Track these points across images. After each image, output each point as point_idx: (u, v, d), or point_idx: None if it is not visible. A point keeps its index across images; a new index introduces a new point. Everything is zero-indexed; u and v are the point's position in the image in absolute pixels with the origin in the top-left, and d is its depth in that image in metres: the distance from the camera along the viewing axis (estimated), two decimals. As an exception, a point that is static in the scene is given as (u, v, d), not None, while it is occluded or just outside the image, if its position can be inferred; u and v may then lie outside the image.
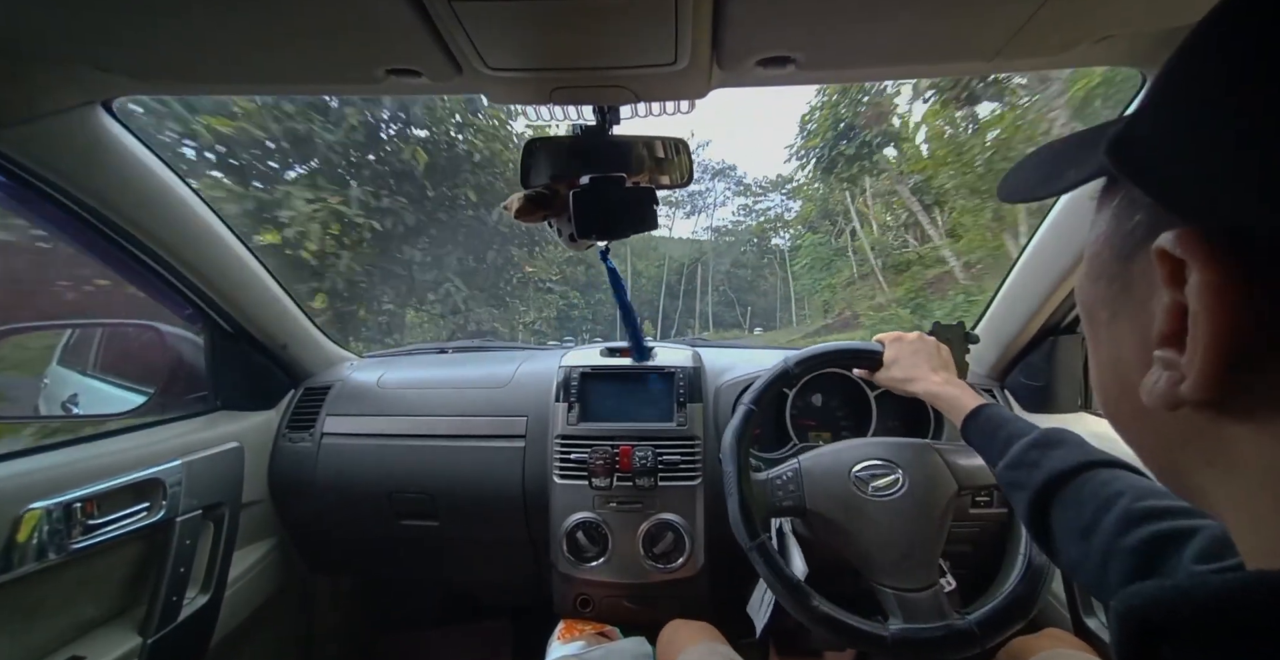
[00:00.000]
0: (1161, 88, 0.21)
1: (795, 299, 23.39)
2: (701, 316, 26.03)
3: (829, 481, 0.77)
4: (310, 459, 1.08)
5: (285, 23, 0.50)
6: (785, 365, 0.83)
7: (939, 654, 0.66)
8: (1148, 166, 0.21)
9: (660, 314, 25.08)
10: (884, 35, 0.55)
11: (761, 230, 27.92)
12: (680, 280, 26.88)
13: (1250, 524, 0.20)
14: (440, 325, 6.43)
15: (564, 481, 0.98)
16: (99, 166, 0.73)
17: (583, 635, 0.94)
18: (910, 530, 0.74)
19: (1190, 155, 0.19)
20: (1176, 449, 0.23)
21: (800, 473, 0.79)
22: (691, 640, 0.79)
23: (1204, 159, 0.19)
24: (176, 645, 0.83)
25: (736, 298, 26.62)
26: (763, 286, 27.00)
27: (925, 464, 0.77)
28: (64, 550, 0.70)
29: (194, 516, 0.87)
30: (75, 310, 2.68)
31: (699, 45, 0.54)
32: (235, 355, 1.07)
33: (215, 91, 0.70)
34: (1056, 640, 0.76)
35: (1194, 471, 0.22)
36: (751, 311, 26.25)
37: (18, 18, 0.50)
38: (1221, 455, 0.20)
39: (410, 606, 1.51)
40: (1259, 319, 0.18)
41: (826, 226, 16.37)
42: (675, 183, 0.80)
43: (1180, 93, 0.20)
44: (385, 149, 5.14)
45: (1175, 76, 0.20)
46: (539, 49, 0.55)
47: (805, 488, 0.78)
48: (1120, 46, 0.58)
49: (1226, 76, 0.18)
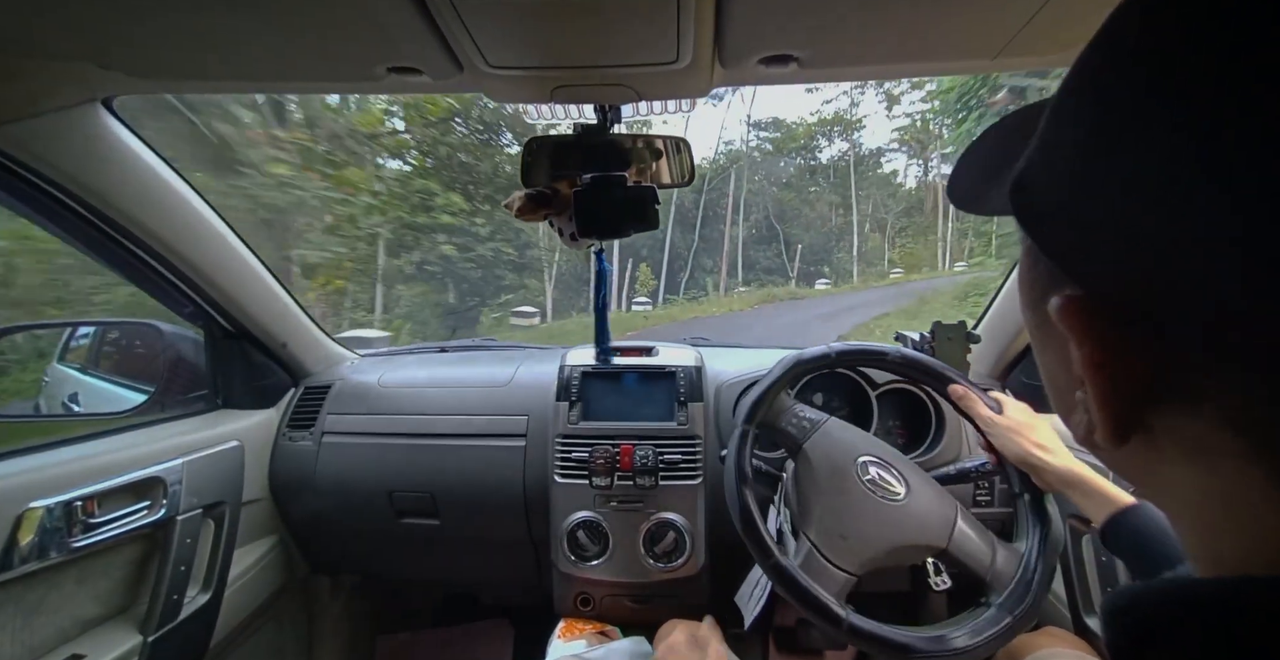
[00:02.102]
0: (1049, 124, 0.20)
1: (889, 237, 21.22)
2: (730, 257, 21.38)
3: (835, 452, 0.76)
4: (311, 458, 1.08)
5: (286, 21, 0.50)
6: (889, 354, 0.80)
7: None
8: (1039, 220, 0.21)
9: (667, 251, 19.48)
10: (886, 34, 0.55)
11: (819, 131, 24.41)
12: (699, 202, 20.83)
13: (1193, 537, 0.21)
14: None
15: (565, 481, 0.98)
16: (99, 164, 0.73)
17: (583, 634, 0.94)
18: (870, 528, 0.72)
19: (1065, 218, 0.19)
20: (1120, 468, 0.23)
21: (818, 427, 0.77)
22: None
23: (1075, 223, 0.19)
24: (177, 643, 0.83)
25: (782, 231, 22.17)
26: (810, 218, 23.14)
27: (933, 509, 0.74)
28: (65, 549, 0.70)
29: (194, 515, 0.87)
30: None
31: (701, 44, 0.54)
32: (236, 354, 1.07)
33: (215, 89, 0.70)
34: (1056, 638, 0.76)
35: (1139, 483, 0.23)
36: (801, 253, 22.50)
37: (19, 15, 0.49)
38: (1153, 477, 0.21)
39: (410, 605, 1.51)
40: (1145, 381, 0.18)
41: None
42: (676, 181, 0.81)
43: (1059, 136, 0.20)
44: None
45: (1054, 120, 0.20)
46: (540, 47, 0.55)
47: (812, 438, 0.76)
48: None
49: (1086, 138, 0.18)
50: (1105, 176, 0.17)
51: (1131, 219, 0.17)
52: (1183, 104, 0.15)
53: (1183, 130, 0.15)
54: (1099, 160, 0.18)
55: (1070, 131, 0.19)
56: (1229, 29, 0.14)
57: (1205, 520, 0.19)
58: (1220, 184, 0.14)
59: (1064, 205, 0.19)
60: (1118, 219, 0.17)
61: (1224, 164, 0.14)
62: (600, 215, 0.73)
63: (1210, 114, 0.15)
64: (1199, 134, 0.15)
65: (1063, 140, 0.19)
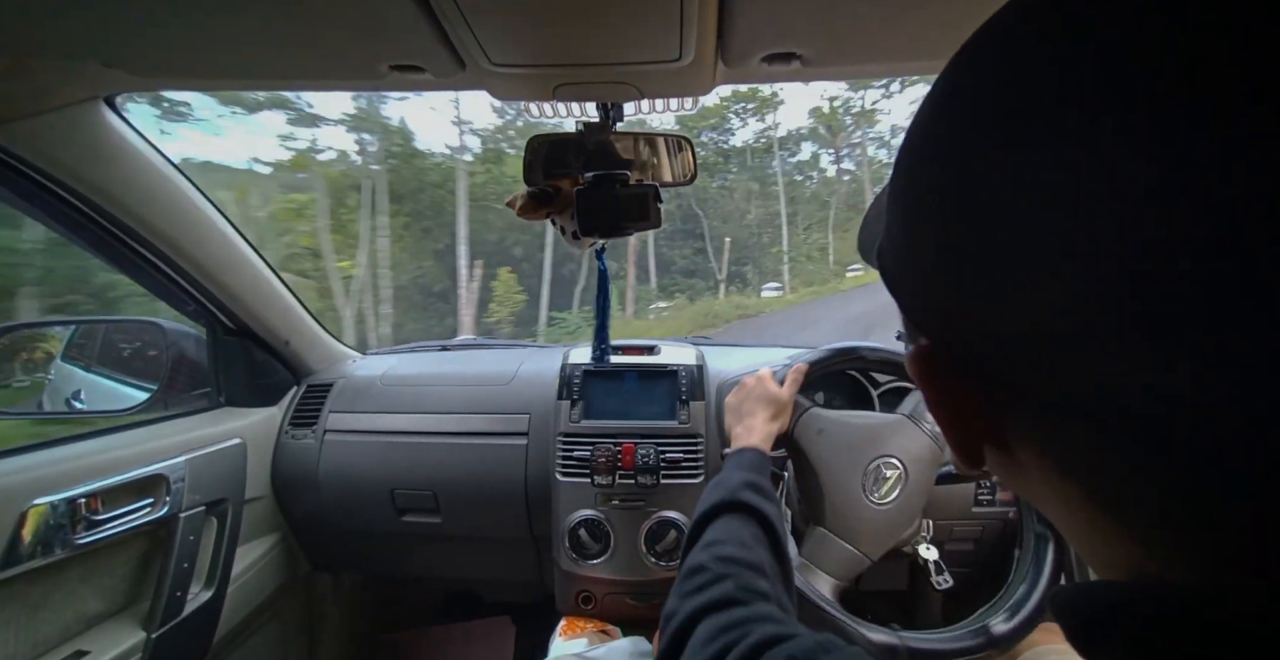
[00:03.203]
0: (889, 192, 0.24)
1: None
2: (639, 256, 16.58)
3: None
4: (313, 455, 1.08)
5: (289, 19, 0.50)
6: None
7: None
8: (893, 277, 0.24)
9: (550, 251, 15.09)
10: (890, 32, 0.55)
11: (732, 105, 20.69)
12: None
13: (1074, 543, 0.22)
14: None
15: (566, 479, 0.98)
16: (102, 162, 0.73)
17: (584, 633, 0.94)
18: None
19: (903, 277, 0.23)
20: (1008, 484, 0.25)
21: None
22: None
23: (912, 283, 0.22)
24: (180, 640, 0.83)
25: (707, 222, 17.48)
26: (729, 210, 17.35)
27: (914, 444, 0.77)
28: (68, 546, 0.70)
29: (197, 513, 0.87)
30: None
31: (704, 41, 0.54)
32: (238, 352, 1.07)
33: (218, 87, 0.70)
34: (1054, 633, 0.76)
35: (1029, 495, 0.24)
36: (730, 249, 17.85)
37: (23, 14, 0.49)
38: (1028, 491, 0.23)
39: (413, 603, 1.52)
40: (975, 421, 0.21)
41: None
42: (678, 180, 0.80)
43: (889, 227, 0.24)
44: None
45: (889, 203, 0.23)
46: (543, 45, 0.55)
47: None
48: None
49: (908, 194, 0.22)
50: (908, 255, 0.22)
51: (930, 291, 0.21)
52: (922, 221, 0.20)
53: (927, 236, 0.20)
54: (903, 242, 0.22)
55: (891, 217, 0.23)
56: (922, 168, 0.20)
57: (1068, 526, 0.21)
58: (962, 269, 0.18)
59: (897, 273, 0.23)
60: (924, 290, 0.21)
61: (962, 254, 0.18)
62: (602, 213, 0.73)
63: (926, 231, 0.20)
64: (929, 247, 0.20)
65: (890, 222, 0.23)
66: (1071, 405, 0.17)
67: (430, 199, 15.06)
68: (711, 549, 0.52)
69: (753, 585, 0.46)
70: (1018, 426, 0.20)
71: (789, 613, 0.46)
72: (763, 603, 0.44)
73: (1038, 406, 0.18)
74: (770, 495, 0.60)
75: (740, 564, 0.49)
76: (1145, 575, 0.18)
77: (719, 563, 0.49)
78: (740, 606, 0.43)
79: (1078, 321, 0.15)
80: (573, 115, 0.73)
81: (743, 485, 0.60)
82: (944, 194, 0.19)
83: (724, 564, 0.49)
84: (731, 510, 0.57)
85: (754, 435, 0.71)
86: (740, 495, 0.58)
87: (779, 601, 0.46)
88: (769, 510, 0.57)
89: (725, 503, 0.58)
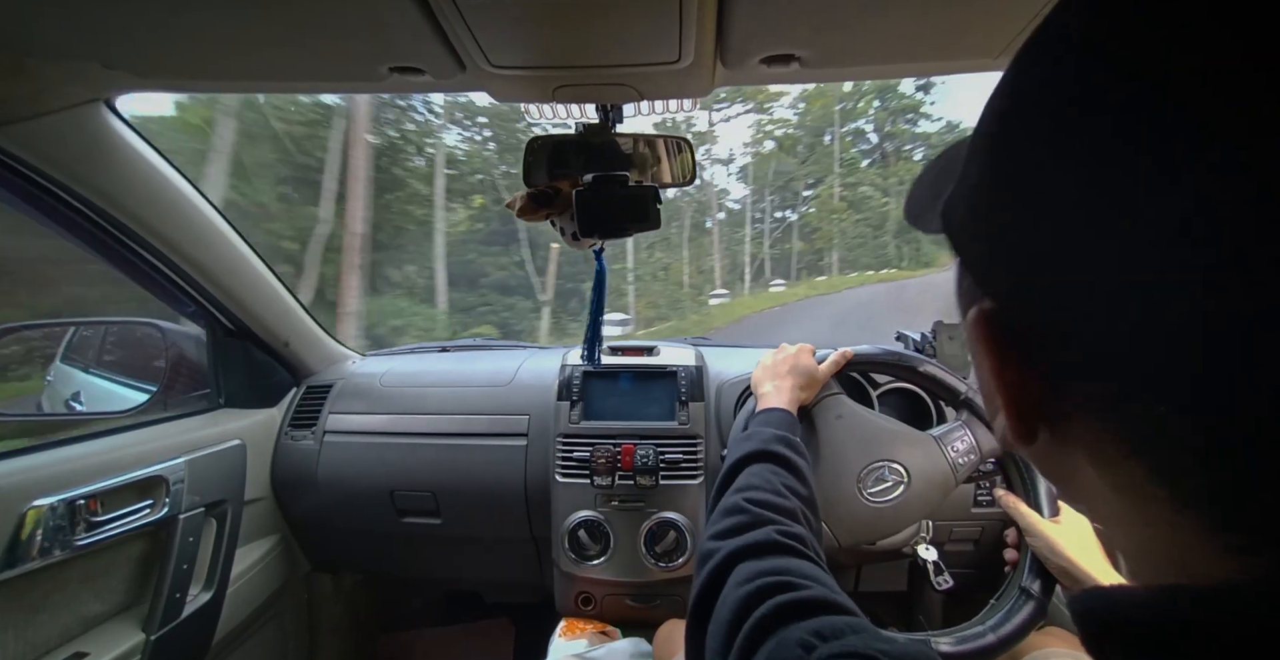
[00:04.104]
0: (963, 164, 0.22)
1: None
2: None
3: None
4: (312, 456, 1.08)
5: (290, 21, 0.50)
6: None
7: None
8: (964, 237, 0.23)
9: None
10: (889, 33, 0.55)
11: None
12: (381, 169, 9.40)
13: (1119, 540, 0.22)
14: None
15: (566, 480, 0.98)
16: (102, 163, 0.73)
17: (584, 634, 0.94)
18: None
19: (977, 235, 0.22)
20: (1046, 471, 0.24)
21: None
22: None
23: (992, 237, 0.21)
24: (180, 642, 0.83)
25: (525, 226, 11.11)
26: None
27: (930, 463, 0.76)
28: (68, 547, 0.70)
29: (197, 514, 0.87)
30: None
31: (703, 43, 0.54)
32: (238, 353, 1.07)
33: (218, 89, 0.70)
34: (1057, 638, 0.76)
35: (1065, 488, 0.24)
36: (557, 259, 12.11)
37: (25, 15, 0.50)
38: (1072, 480, 0.22)
39: (412, 604, 1.52)
40: (1041, 392, 0.20)
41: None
42: (678, 181, 0.81)
43: (966, 180, 0.22)
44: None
45: (968, 155, 0.22)
46: (543, 47, 0.55)
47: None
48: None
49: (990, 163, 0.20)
50: (998, 211, 0.20)
51: (1014, 248, 0.19)
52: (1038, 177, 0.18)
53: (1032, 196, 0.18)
54: (993, 196, 0.20)
55: (975, 169, 0.21)
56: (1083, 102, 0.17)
57: (1121, 520, 0.20)
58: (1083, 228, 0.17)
59: (973, 227, 0.22)
60: (1007, 247, 0.20)
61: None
62: (602, 215, 0.73)
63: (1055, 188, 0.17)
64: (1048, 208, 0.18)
65: (969, 174, 0.22)
66: (1141, 370, 0.16)
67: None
68: (746, 493, 0.51)
69: (792, 531, 0.46)
70: (1082, 395, 0.19)
71: (823, 559, 0.46)
72: (803, 550, 0.44)
73: (1107, 372, 0.17)
74: (801, 450, 0.60)
75: (777, 510, 0.49)
76: (1197, 576, 0.17)
77: (756, 507, 0.49)
78: (781, 554, 0.43)
79: (1150, 278, 0.15)
80: (572, 117, 0.73)
81: (774, 438, 0.60)
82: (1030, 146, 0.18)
83: (761, 509, 0.49)
84: (764, 459, 0.57)
85: (782, 396, 0.71)
86: (772, 446, 0.58)
87: (815, 549, 0.46)
88: (801, 463, 0.57)
89: (758, 452, 0.58)
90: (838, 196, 25.50)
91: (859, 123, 28.14)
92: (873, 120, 28.37)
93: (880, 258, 25.66)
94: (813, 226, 25.82)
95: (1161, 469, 0.17)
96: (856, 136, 28.31)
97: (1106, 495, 0.20)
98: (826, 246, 25.25)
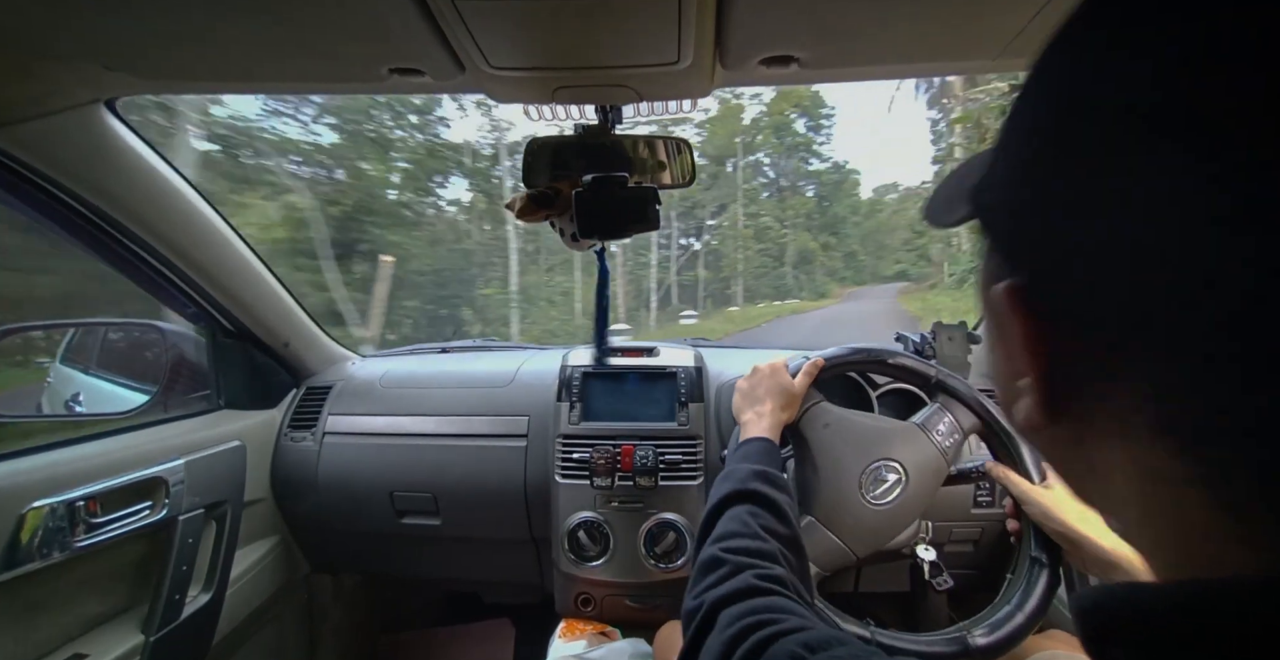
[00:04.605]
0: (1002, 131, 0.23)
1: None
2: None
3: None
4: (312, 458, 1.08)
5: (290, 23, 0.50)
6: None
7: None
8: (994, 214, 0.23)
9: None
10: (887, 35, 0.55)
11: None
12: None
13: (1136, 534, 0.21)
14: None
15: (566, 481, 0.98)
16: (103, 165, 0.73)
17: (584, 634, 0.94)
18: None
19: (1012, 210, 0.22)
20: (1064, 460, 0.24)
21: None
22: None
23: (1021, 213, 0.21)
24: (179, 643, 0.83)
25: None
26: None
27: (921, 453, 0.76)
28: (67, 548, 0.70)
29: (196, 515, 0.87)
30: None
31: (702, 45, 0.54)
32: (237, 354, 1.07)
33: (219, 90, 0.71)
34: (1058, 641, 0.76)
35: (1082, 481, 0.23)
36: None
37: (27, 17, 0.50)
38: (1092, 467, 0.22)
39: (412, 605, 1.52)
40: (1070, 366, 0.20)
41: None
42: (677, 182, 0.81)
43: (1008, 143, 0.22)
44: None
45: (1010, 122, 0.22)
46: (542, 48, 0.55)
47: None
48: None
49: (1026, 139, 0.21)
50: (1039, 187, 0.20)
51: (1051, 217, 0.19)
52: (1087, 140, 0.18)
53: (1081, 157, 0.18)
54: (1036, 172, 0.20)
55: (1014, 138, 0.22)
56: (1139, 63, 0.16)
57: (1140, 509, 0.20)
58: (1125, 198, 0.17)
59: (1008, 200, 0.22)
60: (1044, 215, 0.20)
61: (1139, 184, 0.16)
62: (601, 216, 0.73)
63: (1110, 150, 0.17)
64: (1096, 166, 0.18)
65: (1008, 144, 0.22)
66: (1184, 342, 0.16)
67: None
68: (725, 541, 0.51)
69: (770, 573, 0.46)
70: (1120, 365, 0.18)
71: (805, 598, 0.46)
72: (782, 591, 0.44)
73: (1153, 340, 0.17)
74: (781, 484, 0.60)
75: (755, 554, 0.49)
76: (1220, 569, 0.17)
77: (734, 555, 0.49)
78: (760, 596, 0.43)
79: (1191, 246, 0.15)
80: (572, 118, 0.73)
81: (752, 475, 0.60)
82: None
83: (739, 555, 0.48)
84: (742, 500, 0.57)
85: (763, 422, 0.71)
86: (750, 485, 0.58)
87: (796, 589, 0.46)
88: (780, 498, 0.57)
89: (735, 493, 0.58)
90: (742, 224, 25.17)
91: (758, 155, 28.12)
92: (770, 154, 28.48)
93: (780, 288, 25.61)
94: (719, 254, 25.36)
95: (1193, 447, 0.16)
96: (755, 168, 28.39)
97: (1128, 481, 0.19)
98: (732, 274, 24.76)
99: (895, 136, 50.52)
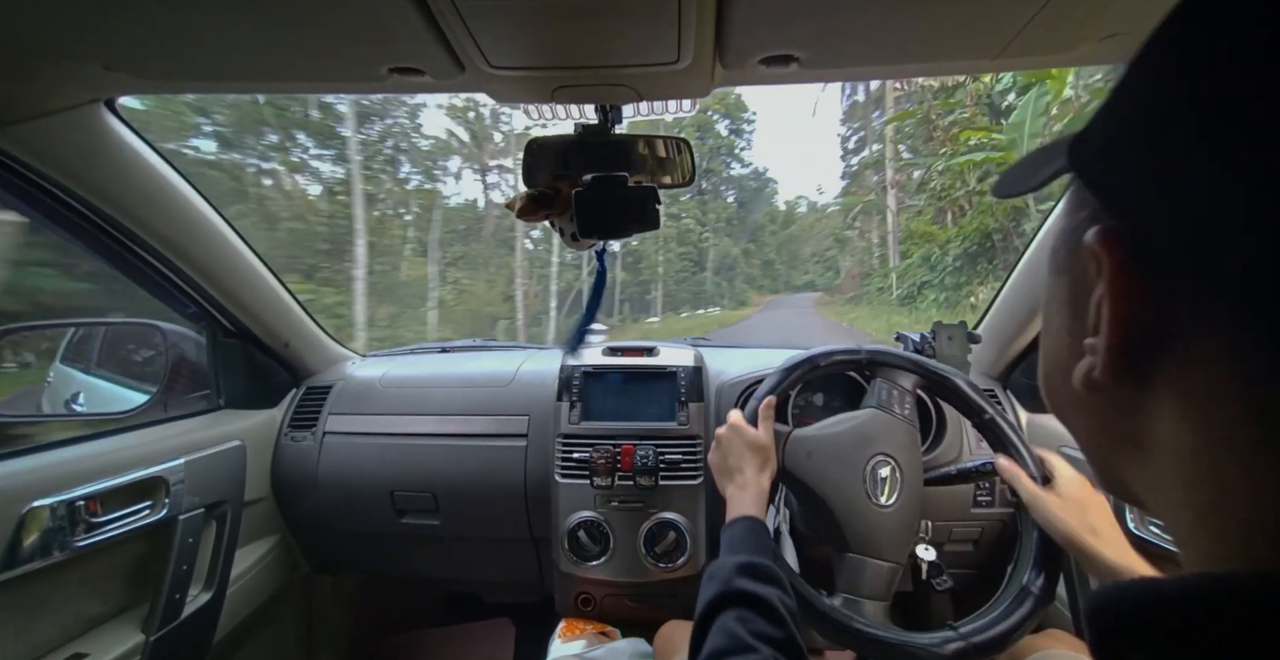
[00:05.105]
0: (1114, 90, 0.22)
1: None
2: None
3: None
4: (312, 457, 1.08)
5: (290, 22, 0.50)
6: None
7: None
8: (1092, 162, 0.23)
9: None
10: (887, 35, 0.55)
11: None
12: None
13: (1171, 515, 0.21)
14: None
15: (566, 481, 0.98)
16: (102, 165, 0.73)
17: (584, 634, 0.94)
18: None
19: (1118, 156, 0.21)
20: (1106, 432, 0.24)
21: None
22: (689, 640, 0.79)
23: (1125, 162, 0.21)
24: (179, 642, 0.83)
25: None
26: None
27: (892, 431, 0.76)
28: (67, 548, 0.70)
29: (196, 515, 0.87)
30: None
31: (702, 44, 0.54)
32: (238, 354, 1.07)
33: (218, 90, 0.70)
34: (1057, 640, 0.76)
35: (1121, 458, 0.23)
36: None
37: (26, 16, 0.50)
38: (1142, 436, 0.21)
39: (412, 605, 1.52)
40: (1155, 313, 0.20)
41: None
42: (677, 182, 0.81)
43: (1120, 99, 0.22)
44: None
45: (1124, 82, 0.22)
46: (542, 48, 0.55)
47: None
48: (1126, 45, 0.58)
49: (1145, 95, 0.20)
50: (1146, 139, 0.20)
51: (1159, 165, 0.19)
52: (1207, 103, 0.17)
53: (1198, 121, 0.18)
54: (1142, 120, 0.20)
55: (1127, 90, 0.21)
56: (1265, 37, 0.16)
57: (1184, 485, 0.20)
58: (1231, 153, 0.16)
59: (1119, 151, 0.21)
60: (1154, 164, 0.19)
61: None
62: (601, 215, 0.73)
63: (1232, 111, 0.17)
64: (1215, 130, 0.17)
65: (1123, 95, 0.22)
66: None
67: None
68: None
69: None
70: (1207, 315, 0.18)
71: None
72: None
73: (1246, 297, 0.17)
74: (769, 574, 0.57)
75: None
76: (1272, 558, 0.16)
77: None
78: None
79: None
80: (572, 117, 0.73)
81: (736, 571, 0.57)
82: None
83: None
84: (729, 604, 0.54)
85: (747, 494, 0.69)
86: (734, 585, 0.55)
87: None
88: (768, 593, 0.54)
89: (719, 596, 0.55)
90: (663, 223, 24.67)
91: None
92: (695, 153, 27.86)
93: (699, 294, 24.58)
94: (639, 255, 22.63)
95: (1274, 407, 0.16)
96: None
97: (1178, 453, 0.19)
98: (652, 277, 22.77)
99: (807, 150, 51.15)
